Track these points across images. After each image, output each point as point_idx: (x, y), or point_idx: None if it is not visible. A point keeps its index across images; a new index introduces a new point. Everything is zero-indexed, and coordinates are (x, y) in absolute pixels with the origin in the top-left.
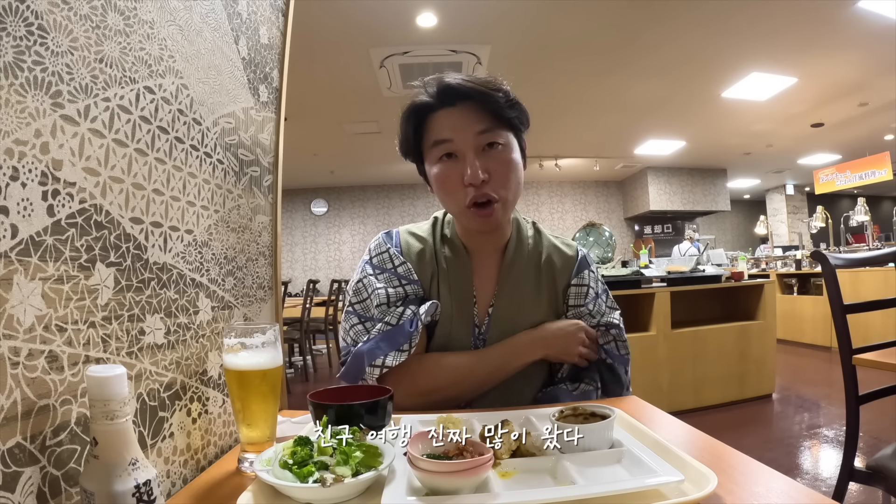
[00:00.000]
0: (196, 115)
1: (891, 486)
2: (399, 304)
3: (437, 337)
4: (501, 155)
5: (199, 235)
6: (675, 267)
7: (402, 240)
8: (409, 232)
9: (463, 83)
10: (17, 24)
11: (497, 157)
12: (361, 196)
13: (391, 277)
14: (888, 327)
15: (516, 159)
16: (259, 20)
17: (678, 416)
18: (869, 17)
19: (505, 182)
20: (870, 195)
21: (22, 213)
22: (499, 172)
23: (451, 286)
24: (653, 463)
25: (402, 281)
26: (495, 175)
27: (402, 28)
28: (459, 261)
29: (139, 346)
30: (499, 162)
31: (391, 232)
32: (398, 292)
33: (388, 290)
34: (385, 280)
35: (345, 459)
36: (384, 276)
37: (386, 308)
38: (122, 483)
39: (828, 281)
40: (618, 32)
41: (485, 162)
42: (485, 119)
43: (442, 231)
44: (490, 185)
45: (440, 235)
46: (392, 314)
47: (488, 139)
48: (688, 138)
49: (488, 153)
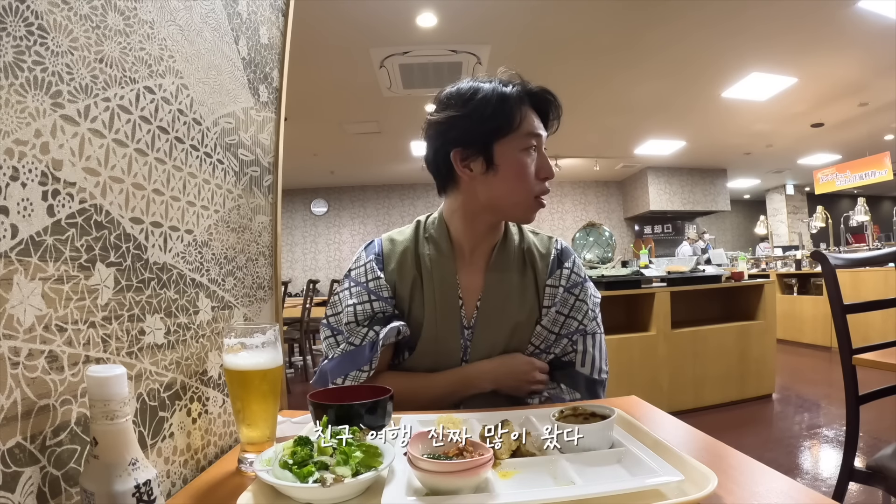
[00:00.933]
0: (196, 115)
1: (891, 486)
2: (366, 323)
3: (424, 341)
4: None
5: (199, 235)
6: (675, 267)
7: (383, 248)
8: (390, 239)
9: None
10: (17, 24)
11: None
12: (361, 196)
13: (362, 293)
14: (888, 327)
15: None
16: (259, 20)
17: (678, 415)
18: (869, 18)
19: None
20: (870, 195)
21: (22, 213)
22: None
23: (435, 287)
24: (653, 463)
25: (372, 297)
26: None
27: (402, 28)
28: (443, 259)
29: (139, 346)
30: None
31: (373, 241)
32: (365, 310)
33: (357, 308)
34: (356, 295)
35: (345, 459)
36: (357, 289)
37: (353, 326)
38: (122, 483)
39: (828, 281)
40: (618, 32)
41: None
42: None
43: (425, 233)
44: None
45: (423, 238)
46: (357, 334)
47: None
48: (688, 138)
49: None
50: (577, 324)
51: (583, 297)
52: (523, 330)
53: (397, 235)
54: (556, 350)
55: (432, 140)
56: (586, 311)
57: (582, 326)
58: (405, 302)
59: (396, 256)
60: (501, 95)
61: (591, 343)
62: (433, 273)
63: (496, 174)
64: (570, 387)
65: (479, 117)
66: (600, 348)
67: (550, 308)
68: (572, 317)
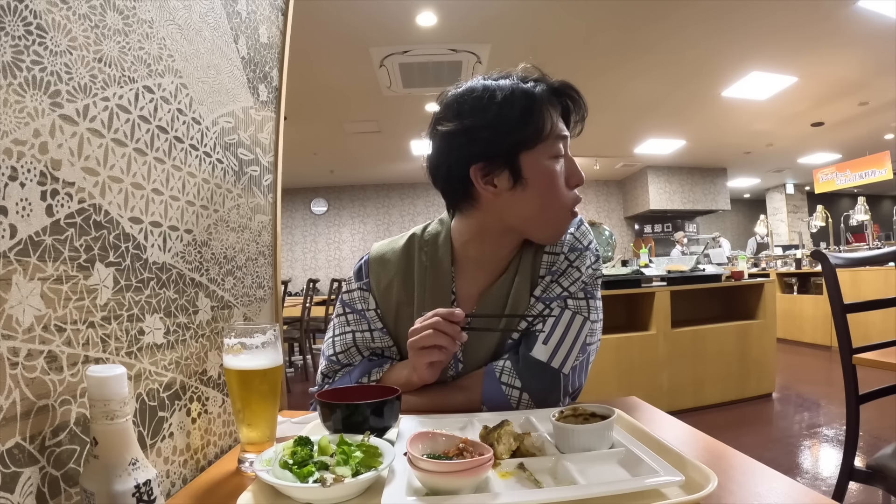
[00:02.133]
0: (195, 114)
1: (891, 486)
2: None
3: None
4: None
5: (198, 235)
6: (675, 266)
7: (371, 270)
8: (379, 260)
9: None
10: (16, 23)
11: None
12: (361, 195)
13: (344, 323)
14: (888, 327)
15: None
16: (258, 19)
17: (678, 415)
18: (869, 17)
19: None
20: (870, 194)
21: (21, 213)
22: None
23: (426, 305)
24: (653, 463)
25: (352, 327)
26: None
27: (401, 27)
28: (440, 278)
29: (138, 346)
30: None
31: (360, 267)
32: (345, 341)
33: (336, 340)
34: (341, 326)
35: (345, 459)
36: (343, 318)
37: (334, 360)
38: (122, 483)
39: (828, 280)
40: (618, 32)
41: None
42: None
43: (423, 248)
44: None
45: (418, 253)
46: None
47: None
48: (688, 137)
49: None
50: (560, 290)
51: (577, 263)
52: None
53: (388, 254)
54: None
55: (445, 154)
56: (577, 278)
57: (566, 294)
58: (391, 319)
59: (384, 281)
60: (527, 95)
61: (567, 322)
62: (427, 292)
63: (525, 189)
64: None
65: (506, 125)
66: (580, 339)
67: (545, 277)
68: (558, 282)
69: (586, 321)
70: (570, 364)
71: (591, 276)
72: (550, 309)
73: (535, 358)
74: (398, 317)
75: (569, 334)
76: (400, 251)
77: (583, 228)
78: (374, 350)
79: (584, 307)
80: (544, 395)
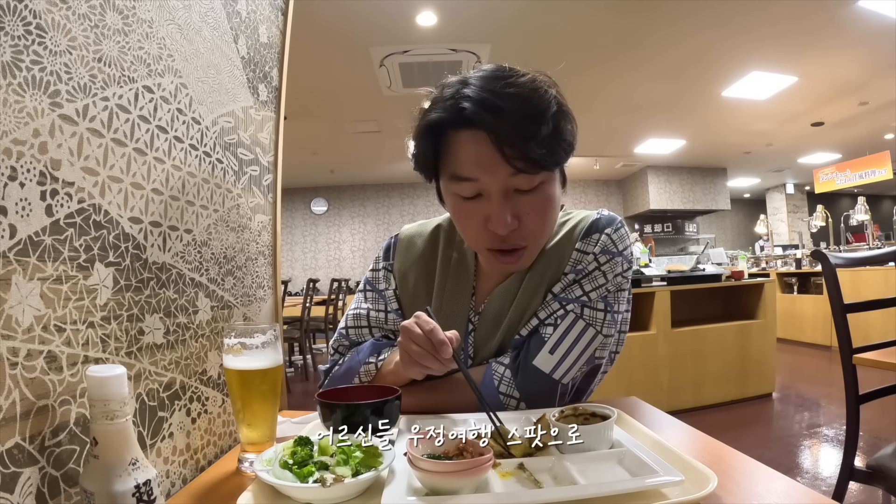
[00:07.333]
0: (195, 114)
1: (891, 486)
2: (361, 324)
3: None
4: (538, 196)
5: (198, 235)
6: (675, 266)
7: (398, 251)
8: (407, 243)
9: (498, 102)
10: (16, 23)
11: (532, 200)
12: (361, 195)
13: (362, 299)
14: (888, 327)
15: (555, 195)
16: (258, 19)
17: (678, 415)
18: (869, 17)
19: (539, 227)
20: (870, 194)
21: (20, 213)
22: (532, 217)
23: (446, 296)
24: (653, 463)
25: (369, 304)
26: (528, 220)
27: (401, 27)
28: (462, 268)
29: (138, 346)
30: (533, 205)
31: (389, 246)
32: (358, 317)
33: (350, 314)
34: (358, 301)
35: (345, 459)
36: (362, 295)
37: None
38: (122, 483)
39: (828, 280)
40: (618, 31)
41: (515, 205)
42: (520, 156)
43: (447, 241)
44: (518, 233)
45: (442, 246)
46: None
47: (523, 183)
48: (688, 137)
49: (521, 195)
50: (581, 292)
51: (606, 268)
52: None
53: (417, 238)
54: (542, 315)
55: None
56: (601, 285)
57: (585, 299)
58: (407, 304)
59: (407, 268)
60: (420, 129)
61: (578, 333)
62: (450, 282)
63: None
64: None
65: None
66: (587, 353)
67: (568, 274)
68: (580, 284)
69: (598, 335)
70: (571, 376)
71: (617, 284)
72: (566, 311)
73: (536, 367)
74: (414, 303)
75: (577, 347)
76: (427, 238)
77: (621, 232)
78: (387, 332)
79: (599, 320)
80: (539, 402)
